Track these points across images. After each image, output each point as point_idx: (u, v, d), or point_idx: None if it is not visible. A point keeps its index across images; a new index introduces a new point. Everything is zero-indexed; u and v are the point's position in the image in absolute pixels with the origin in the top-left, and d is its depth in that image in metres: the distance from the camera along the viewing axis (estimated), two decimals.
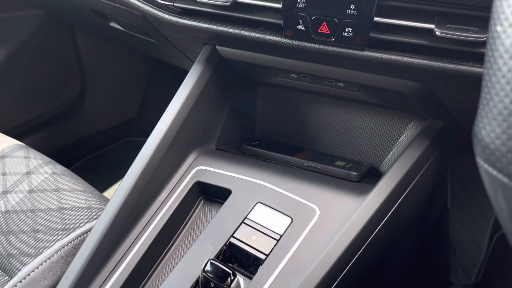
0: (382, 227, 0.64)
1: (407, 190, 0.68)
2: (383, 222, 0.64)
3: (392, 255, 0.83)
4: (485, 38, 0.52)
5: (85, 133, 1.64)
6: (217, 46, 0.76)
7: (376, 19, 0.57)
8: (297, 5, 0.61)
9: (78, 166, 1.63)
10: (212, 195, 0.73)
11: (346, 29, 0.59)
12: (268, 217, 0.65)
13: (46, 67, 1.46)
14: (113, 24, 1.08)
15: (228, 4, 0.65)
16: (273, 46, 0.67)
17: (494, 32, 0.25)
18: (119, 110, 1.72)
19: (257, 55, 0.72)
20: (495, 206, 0.27)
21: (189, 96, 0.75)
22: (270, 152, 0.80)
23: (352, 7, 0.58)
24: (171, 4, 0.72)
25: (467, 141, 0.84)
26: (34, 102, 1.46)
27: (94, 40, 1.51)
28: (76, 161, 1.64)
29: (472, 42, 0.53)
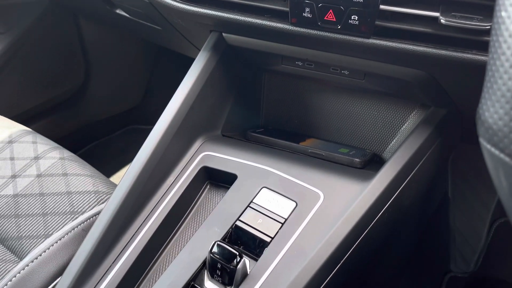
0: (384, 212, 0.65)
1: (409, 177, 0.69)
2: (385, 208, 0.66)
3: (394, 241, 0.85)
4: (489, 27, 0.53)
5: (90, 120, 1.65)
6: (224, 33, 0.77)
7: (382, 7, 0.58)
8: None
9: (83, 153, 1.65)
10: (218, 180, 0.74)
11: (352, 17, 0.60)
12: (273, 201, 0.66)
13: (50, 54, 1.47)
14: (119, 11, 1.09)
15: None
16: (279, 33, 0.68)
17: (499, 18, 0.26)
18: (123, 98, 1.73)
19: (263, 42, 0.73)
20: (496, 184, 0.28)
21: (196, 83, 0.76)
22: (275, 139, 0.81)
23: None
24: None
25: (469, 129, 0.85)
26: (39, 89, 1.48)
27: (98, 28, 1.52)
28: (81, 148, 1.66)
29: (477, 30, 0.54)
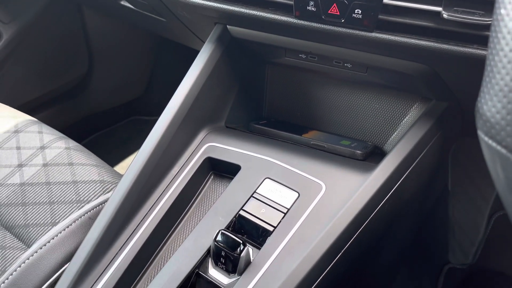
0: (385, 204, 0.67)
1: (410, 169, 0.70)
2: (386, 199, 0.67)
3: (394, 231, 0.86)
4: (490, 21, 0.54)
5: (93, 111, 1.67)
6: (228, 26, 0.78)
7: (385, 1, 0.59)
8: None
9: (86, 143, 1.66)
10: (222, 171, 0.76)
11: (356, 11, 0.61)
12: (276, 192, 0.67)
13: (54, 45, 1.47)
14: (123, 2, 1.10)
15: None
16: (284, 27, 0.68)
17: (498, 15, 0.27)
18: (126, 89, 1.74)
19: (267, 35, 0.74)
20: (493, 176, 0.30)
21: (200, 75, 0.77)
22: (278, 131, 0.82)
23: None
24: None
25: (470, 123, 0.86)
26: (43, 79, 1.49)
27: (102, 19, 1.53)
28: (84, 138, 1.67)
29: (478, 25, 0.55)
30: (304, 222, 0.63)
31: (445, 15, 0.55)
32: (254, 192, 0.68)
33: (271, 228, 0.64)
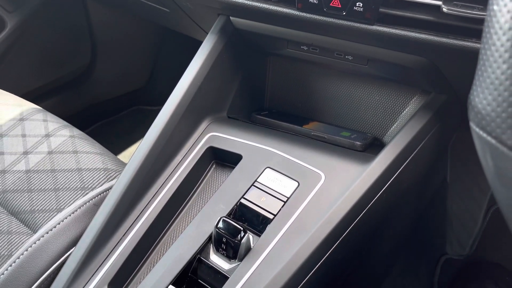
0: (383, 193, 0.68)
1: (408, 160, 0.71)
2: (384, 189, 0.68)
3: (391, 221, 0.88)
4: None
5: (96, 100, 1.68)
6: (231, 17, 0.79)
7: None
8: None
9: (89, 132, 1.67)
10: (224, 160, 0.77)
11: (357, 4, 0.62)
12: (277, 181, 0.69)
13: (58, 34, 1.48)
14: None
15: None
16: (286, 18, 0.69)
17: (491, 11, 0.29)
18: (129, 79, 1.75)
19: (270, 27, 0.75)
20: (484, 165, 0.31)
21: (203, 65, 0.78)
22: (279, 122, 0.83)
23: None
24: None
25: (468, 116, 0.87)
26: (47, 68, 1.50)
27: (106, 9, 1.53)
28: (87, 128, 1.69)
29: (477, 19, 0.56)
30: (304, 211, 0.65)
31: (445, 9, 0.56)
32: (255, 181, 0.70)
33: (271, 216, 0.65)
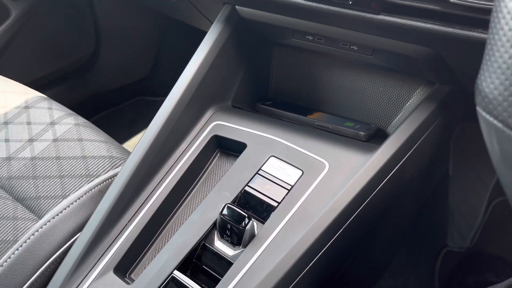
0: (386, 183, 0.69)
1: (411, 150, 0.72)
2: (387, 179, 0.69)
3: (394, 212, 0.88)
4: None
5: (99, 90, 1.68)
6: (237, 6, 0.79)
7: None
8: None
9: (92, 122, 1.67)
10: (228, 149, 0.78)
11: None
12: (281, 169, 0.69)
13: (62, 23, 1.48)
14: None
15: None
16: (292, 8, 0.70)
17: None
18: (132, 69, 1.75)
19: (276, 16, 0.75)
20: (489, 149, 0.31)
21: (209, 54, 0.79)
22: (283, 111, 0.84)
23: None
24: None
25: (472, 108, 0.87)
26: (50, 57, 1.50)
27: None
28: (90, 118, 1.69)
29: (483, 9, 0.56)
30: (307, 199, 0.65)
31: None
32: (259, 170, 0.70)
33: (275, 204, 0.66)
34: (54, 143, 0.89)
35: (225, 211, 0.62)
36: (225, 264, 0.62)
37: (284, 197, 0.66)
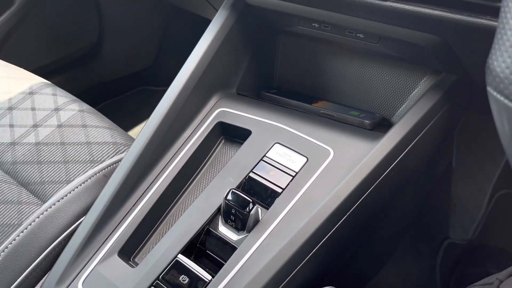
0: (390, 171, 0.69)
1: (416, 139, 0.72)
2: (391, 167, 0.69)
3: (398, 202, 0.89)
4: None
5: (102, 79, 1.68)
6: None
7: None
8: None
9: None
10: (233, 136, 0.77)
11: None
12: (285, 156, 0.69)
13: (66, 12, 1.48)
14: None
15: None
16: None
17: None
18: (135, 58, 1.75)
19: (281, 3, 0.75)
20: (499, 129, 0.31)
21: (214, 41, 0.78)
22: (288, 99, 0.84)
23: None
24: None
25: (477, 97, 0.87)
26: (54, 45, 1.50)
27: None
28: (93, 106, 1.69)
29: None
30: (312, 185, 0.65)
31: None
32: (264, 156, 0.70)
33: (280, 190, 0.66)
34: (59, 129, 0.89)
35: (230, 196, 0.62)
36: (229, 249, 0.63)
37: (289, 184, 0.66)
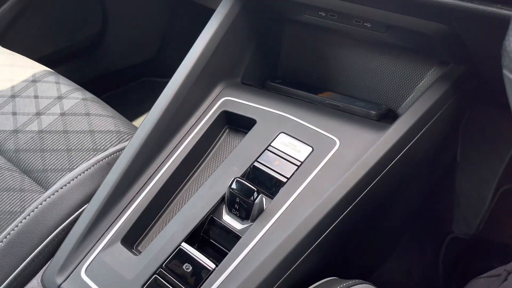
0: (396, 163, 0.68)
1: (423, 131, 0.71)
2: (398, 158, 0.68)
3: (403, 194, 0.88)
4: None
5: (105, 70, 1.67)
6: None
7: None
8: None
9: None
10: (237, 125, 0.77)
11: None
12: (291, 146, 0.69)
13: (69, 1, 1.47)
14: None
15: None
16: None
17: None
18: (138, 49, 1.74)
19: None
20: None
21: (219, 29, 0.78)
22: (294, 89, 0.83)
23: None
24: None
25: (485, 89, 0.86)
26: (57, 35, 1.49)
27: None
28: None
29: None
30: (317, 175, 0.64)
31: None
32: (269, 146, 0.69)
33: (284, 179, 0.65)
34: (62, 117, 0.89)
35: (234, 185, 0.62)
36: (233, 238, 0.62)
37: (294, 173, 0.66)
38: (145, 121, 0.72)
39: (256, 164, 0.68)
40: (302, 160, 0.67)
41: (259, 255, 0.59)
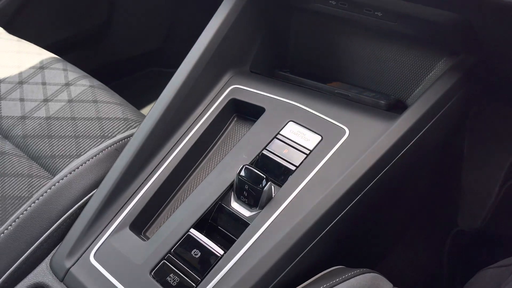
0: (405, 153, 0.68)
1: (432, 121, 0.70)
2: (406, 148, 0.68)
3: (409, 186, 0.88)
4: None
5: (111, 59, 1.67)
6: None
7: None
8: None
9: None
10: (246, 113, 0.77)
11: None
12: (300, 134, 0.68)
13: None
14: None
15: None
16: None
17: None
18: (145, 39, 1.73)
19: None
20: None
21: (228, 17, 0.77)
22: (302, 78, 0.82)
23: None
24: None
25: (495, 81, 0.85)
26: (64, 23, 1.49)
27: None
28: None
29: None
30: (326, 164, 0.64)
31: None
32: (278, 134, 0.69)
33: (293, 168, 0.65)
34: (69, 104, 0.89)
35: (243, 172, 0.62)
36: (241, 225, 0.62)
37: (303, 161, 0.65)
38: (154, 109, 0.72)
39: (265, 152, 0.67)
40: (311, 149, 0.66)
41: (267, 243, 0.59)
